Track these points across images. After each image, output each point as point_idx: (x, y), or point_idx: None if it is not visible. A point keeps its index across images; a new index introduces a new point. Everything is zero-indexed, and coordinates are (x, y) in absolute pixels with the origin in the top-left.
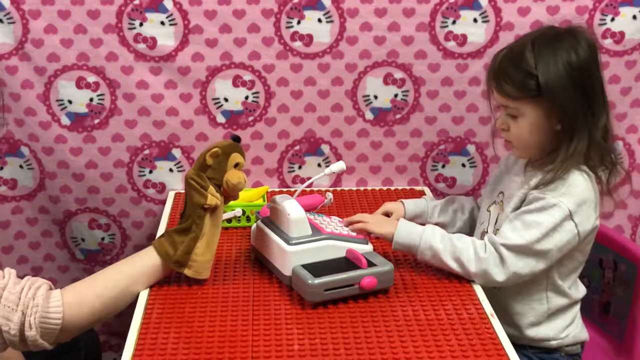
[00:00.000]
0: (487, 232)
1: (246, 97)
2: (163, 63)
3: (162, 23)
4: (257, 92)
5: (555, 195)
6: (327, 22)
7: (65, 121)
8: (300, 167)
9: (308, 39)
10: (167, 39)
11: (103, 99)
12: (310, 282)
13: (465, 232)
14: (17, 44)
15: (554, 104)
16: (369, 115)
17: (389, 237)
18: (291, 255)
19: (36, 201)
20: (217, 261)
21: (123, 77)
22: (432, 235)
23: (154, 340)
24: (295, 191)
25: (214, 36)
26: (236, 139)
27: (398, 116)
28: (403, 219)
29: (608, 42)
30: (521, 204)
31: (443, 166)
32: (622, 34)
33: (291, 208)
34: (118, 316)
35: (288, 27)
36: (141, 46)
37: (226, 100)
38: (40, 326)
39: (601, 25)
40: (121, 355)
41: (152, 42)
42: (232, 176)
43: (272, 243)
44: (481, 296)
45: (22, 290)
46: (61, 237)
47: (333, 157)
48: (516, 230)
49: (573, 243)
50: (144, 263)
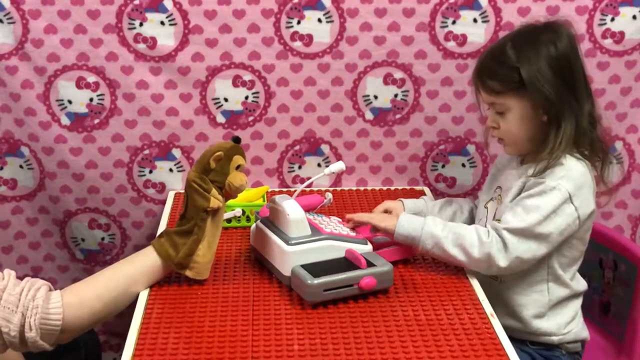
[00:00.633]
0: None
1: (246, 97)
2: (163, 63)
3: (162, 23)
4: (257, 92)
5: (554, 178)
6: (327, 22)
7: (65, 121)
8: (300, 167)
9: (308, 39)
10: (167, 39)
11: (103, 99)
12: (309, 283)
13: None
14: (17, 44)
15: (538, 95)
16: (369, 115)
17: (391, 229)
18: (290, 255)
19: (36, 201)
20: (217, 261)
21: (123, 77)
22: (434, 224)
23: (154, 340)
24: (295, 191)
25: (214, 36)
26: (237, 140)
27: (398, 116)
28: (405, 213)
29: (608, 42)
30: (520, 193)
31: (443, 166)
32: (622, 34)
33: (290, 208)
34: (118, 316)
35: (288, 27)
36: (141, 46)
37: (226, 100)
38: (40, 327)
39: (601, 25)
40: (121, 355)
41: (152, 42)
42: (235, 179)
43: (272, 243)
44: (481, 296)
45: (22, 291)
46: (61, 237)
47: (333, 157)
48: (517, 215)
49: (573, 227)
50: (144, 264)
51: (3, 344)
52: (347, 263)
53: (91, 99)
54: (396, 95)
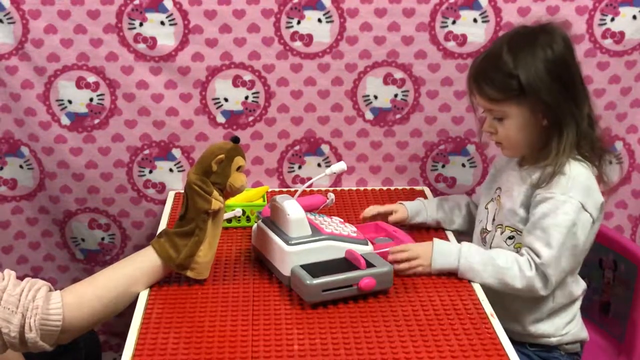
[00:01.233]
0: (486, 229)
1: (246, 97)
2: (163, 63)
3: (162, 23)
4: (257, 92)
5: (563, 191)
6: (327, 22)
7: (65, 121)
8: (300, 167)
9: (308, 39)
10: (167, 39)
11: (103, 99)
12: (308, 283)
13: (464, 229)
14: (17, 44)
15: (538, 101)
16: (369, 115)
17: (427, 268)
18: (290, 255)
19: (36, 201)
20: (217, 261)
21: (123, 77)
22: (470, 254)
23: (154, 340)
24: (295, 191)
25: (214, 36)
26: (236, 140)
27: (398, 116)
28: (437, 240)
29: (608, 42)
30: (527, 201)
31: (443, 166)
32: (622, 34)
33: (291, 208)
34: (118, 316)
35: (288, 27)
36: (141, 46)
37: (226, 100)
38: (40, 328)
39: (601, 25)
40: (121, 355)
41: (152, 42)
42: (236, 180)
43: (272, 243)
44: (481, 296)
45: (22, 292)
46: (61, 237)
47: (333, 157)
48: (540, 239)
49: (592, 232)
50: (144, 264)
51: (3, 345)
52: (347, 263)
53: (91, 99)
54: (396, 95)
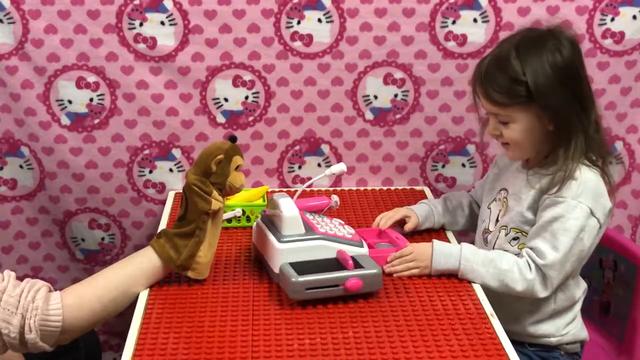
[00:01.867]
0: (489, 229)
1: (246, 97)
2: (163, 63)
3: (162, 23)
4: (257, 92)
5: (573, 196)
6: (327, 22)
7: (65, 121)
8: (300, 167)
9: (308, 39)
10: (167, 39)
11: (103, 99)
12: (293, 280)
13: (467, 228)
14: (17, 44)
15: (545, 107)
16: (369, 115)
17: (427, 269)
18: (281, 252)
19: (36, 201)
20: (217, 261)
21: (123, 77)
22: (472, 258)
23: (154, 340)
24: (295, 191)
25: (214, 36)
26: (233, 139)
27: (398, 116)
28: (436, 241)
29: (608, 42)
30: (535, 205)
31: (443, 166)
32: (622, 34)
33: (285, 206)
34: (118, 316)
35: (288, 27)
36: (141, 46)
37: (226, 100)
38: (40, 329)
39: (601, 25)
40: (121, 355)
41: (152, 42)
42: (235, 179)
43: (267, 240)
44: (481, 296)
45: (22, 293)
46: (61, 237)
47: (333, 157)
48: (547, 241)
49: (598, 238)
50: (144, 264)
51: (3, 345)
52: (337, 264)
53: (91, 99)
54: (396, 95)
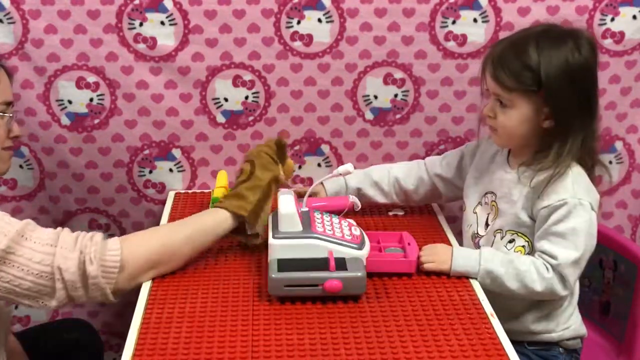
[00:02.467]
0: (478, 234)
1: (246, 97)
2: (163, 63)
3: (162, 23)
4: (257, 92)
5: (571, 195)
6: (327, 22)
7: (65, 121)
8: (300, 167)
9: (308, 39)
10: (167, 39)
11: (103, 99)
12: (272, 276)
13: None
14: (17, 44)
15: (550, 101)
16: (369, 115)
17: (446, 270)
18: (273, 247)
19: (36, 201)
20: (217, 261)
21: (123, 77)
22: (492, 259)
23: (154, 340)
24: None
25: (214, 36)
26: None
27: (398, 116)
28: (456, 246)
29: (608, 42)
30: (528, 203)
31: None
32: (622, 34)
33: (282, 202)
34: (118, 316)
35: (288, 27)
36: (141, 46)
37: (226, 100)
38: (100, 262)
39: (601, 25)
40: (121, 355)
41: (152, 42)
42: (291, 164)
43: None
44: (481, 296)
45: (79, 235)
46: None
47: (333, 157)
48: (559, 244)
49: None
50: (210, 221)
51: (64, 288)
52: (325, 264)
53: (91, 99)
54: (396, 95)
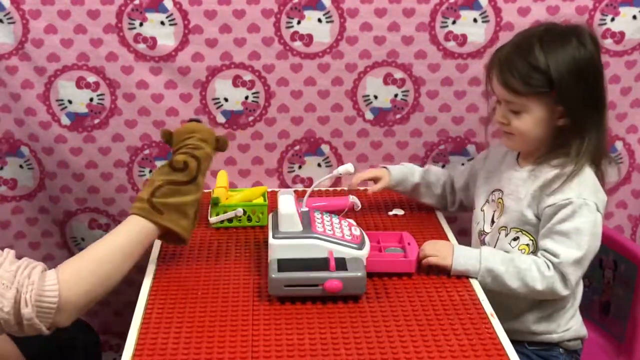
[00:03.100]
0: (484, 231)
1: (246, 97)
2: (163, 63)
3: (162, 23)
4: (257, 92)
5: (576, 194)
6: (327, 22)
7: (65, 121)
8: (300, 167)
9: (308, 39)
10: (167, 39)
11: (103, 99)
12: (272, 276)
13: (434, 204)
14: (17, 44)
15: (563, 100)
16: (369, 115)
17: (448, 266)
18: (273, 248)
19: (36, 201)
20: (217, 260)
21: (123, 77)
22: (492, 258)
23: (154, 340)
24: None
25: (214, 36)
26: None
27: (398, 116)
28: (457, 245)
29: (608, 42)
30: (534, 202)
31: (443, 166)
32: (622, 34)
33: (282, 202)
34: (118, 316)
35: (288, 27)
36: (141, 46)
37: (226, 100)
38: (36, 304)
39: (601, 25)
40: (121, 355)
41: (152, 42)
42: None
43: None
44: (481, 296)
45: (18, 269)
46: (61, 237)
47: (333, 157)
48: (561, 242)
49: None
50: (136, 234)
51: None
52: (325, 264)
53: (91, 99)
54: (396, 95)
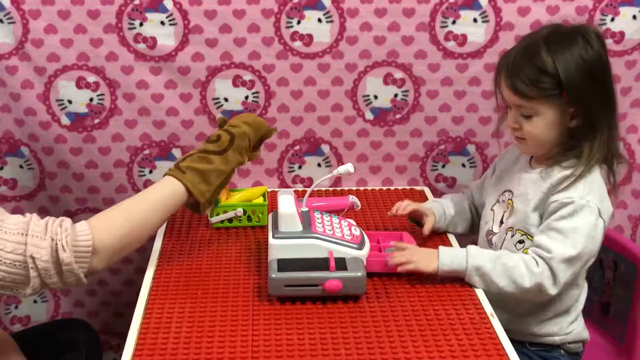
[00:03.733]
0: (493, 231)
1: (246, 97)
2: (163, 63)
3: (162, 23)
4: (257, 92)
5: (581, 195)
6: (327, 22)
7: (65, 121)
8: (300, 167)
9: (308, 39)
10: (167, 39)
11: (103, 99)
12: (272, 276)
13: (466, 231)
14: (17, 44)
15: (574, 101)
16: (369, 115)
17: (434, 270)
18: (273, 248)
19: (36, 201)
20: (218, 260)
21: (123, 77)
22: (479, 256)
23: (154, 340)
24: (304, 192)
25: (214, 36)
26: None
27: (398, 116)
28: (442, 247)
29: (608, 42)
30: (541, 204)
31: (443, 166)
32: (622, 34)
33: (282, 203)
34: (118, 316)
35: (288, 27)
36: (141, 46)
37: (226, 100)
38: (73, 248)
39: (601, 25)
40: (121, 355)
41: (152, 42)
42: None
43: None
44: (481, 296)
45: (48, 222)
46: None
47: (333, 157)
48: (556, 240)
49: (602, 238)
50: (169, 192)
51: (38, 276)
52: (325, 264)
53: (91, 99)
54: (396, 95)
